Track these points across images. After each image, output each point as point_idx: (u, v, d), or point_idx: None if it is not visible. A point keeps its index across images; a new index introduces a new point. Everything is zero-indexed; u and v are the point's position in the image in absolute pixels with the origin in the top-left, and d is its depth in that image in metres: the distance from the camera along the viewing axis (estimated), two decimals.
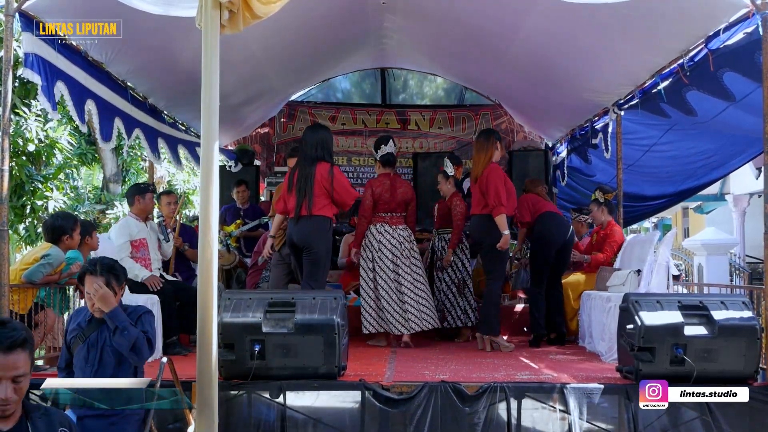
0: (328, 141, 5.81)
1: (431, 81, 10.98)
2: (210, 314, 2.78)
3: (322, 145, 5.75)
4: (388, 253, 6.35)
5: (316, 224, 5.62)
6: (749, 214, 14.98)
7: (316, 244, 5.62)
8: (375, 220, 6.43)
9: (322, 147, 5.74)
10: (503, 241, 5.88)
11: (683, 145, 7.49)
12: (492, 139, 6.15)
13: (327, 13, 6.61)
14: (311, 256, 5.63)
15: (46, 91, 4.75)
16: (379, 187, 6.41)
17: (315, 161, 5.71)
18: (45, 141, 10.43)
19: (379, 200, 6.39)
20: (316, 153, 5.73)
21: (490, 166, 6.06)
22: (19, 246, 11.94)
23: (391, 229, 6.39)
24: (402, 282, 6.33)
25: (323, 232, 5.66)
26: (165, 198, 6.95)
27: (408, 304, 6.29)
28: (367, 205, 6.41)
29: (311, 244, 5.62)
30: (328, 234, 5.74)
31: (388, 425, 4.32)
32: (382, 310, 6.30)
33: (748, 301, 4.57)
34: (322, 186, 5.63)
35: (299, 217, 5.65)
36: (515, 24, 6.05)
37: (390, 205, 6.39)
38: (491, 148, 6.11)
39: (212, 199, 2.81)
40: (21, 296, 5.22)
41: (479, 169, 6.11)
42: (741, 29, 4.66)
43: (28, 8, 4.61)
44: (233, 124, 8.90)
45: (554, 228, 6.58)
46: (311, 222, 5.62)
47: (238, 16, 2.92)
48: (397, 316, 6.28)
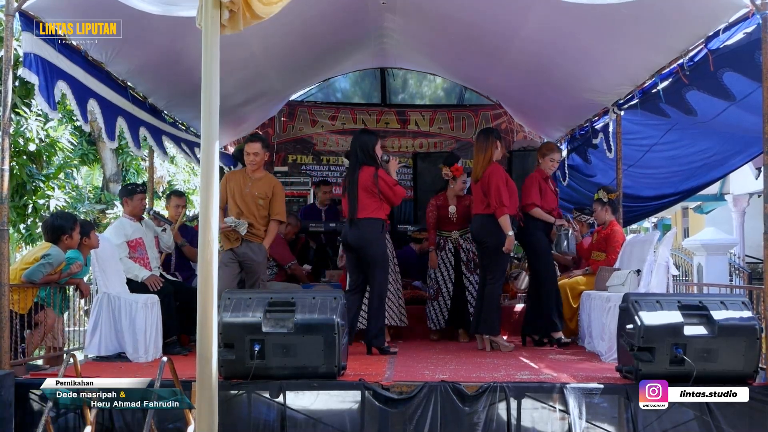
0: (369, 145, 5.94)
1: (431, 81, 10.98)
2: (210, 314, 2.78)
3: (363, 149, 5.92)
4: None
5: (364, 227, 5.82)
6: (749, 214, 14.98)
7: (367, 246, 5.83)
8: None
9: (363, 151, 5.91)
10: (508, 243, 5.90)
11: (683, 145, 7.49)
12: (491, 139, 6.16)
13: (327, 13, 6.61)
14: (366, 259, 5.87)
15: (44, 90, 4.74)
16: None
17: (358, 166, 5.92)
18: (45, 140, 10.43)
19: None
20: (358, 158, 5.94)
21: (491, 166, 6.06)
22: (19, 245, 11.95)
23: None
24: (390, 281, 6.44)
25: (373, 235, 5.83)
26: (175, 199, 6.94)
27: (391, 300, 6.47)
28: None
29: (363, 246, 5.85)
30: (380, 235, 5.91)
31: (387, 425, 4.33)
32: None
33: (747, 301, 4.57)
34: (367, 189, 5.81)
35: (350, 220, 5.89)
36: (515, 24, 6.05)
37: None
38: (491, 148, 6.11)
39: (212, 199, 2.82)
40: (21, 296, 5.22)
41: (480, 169, 6.11)
42: (741, 29, 4.66)
43: (28, 8, 4.61)
44: (233, 124, 8.89)
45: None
46: (360, 225, 5.83)
47: (238, 16, 2.92)
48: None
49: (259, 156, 5.91)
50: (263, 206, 5.89)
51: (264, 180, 5.97)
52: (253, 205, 5.85)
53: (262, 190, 5.88)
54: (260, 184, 5.91)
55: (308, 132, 10.58)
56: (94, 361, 5.51)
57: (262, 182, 5.94)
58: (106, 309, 5.53)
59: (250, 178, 5.92)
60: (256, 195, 5.85)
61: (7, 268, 4.54)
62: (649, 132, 7.37)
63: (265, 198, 5.87)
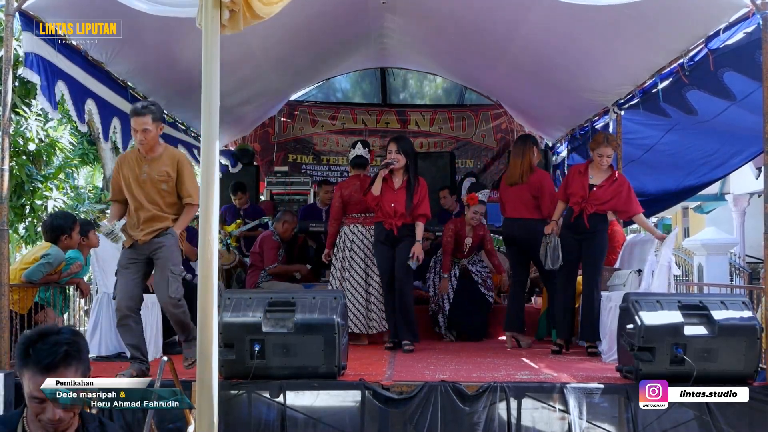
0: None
1: (431, 81, 10.98)
2: (210, 314, 2.78)
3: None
4: (360, 253, 6.41)
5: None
6: (749, 214, 14.97)
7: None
8: (348, 221, 6.50)
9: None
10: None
11: (684, 143, 7.48)
12: (528, 143, 6.32)
13: (327, 13, 6.61)
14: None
15: (46, 90, 4.76)
16: (348, 189, 6.50)
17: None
18: (45, 140, 10.42)
19: (349, 202, 6.47)
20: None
21: (539, 172, 6.28)
22: (19, 245, 11.94)
23: (365, 229, 6.45)
24: (370, 283, 6.41)
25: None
26: None
27: (373, 304, 6.40)
28: (336, 208, 6.54)
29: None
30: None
31: (387, 425, 4.33)
32: (347, 309, 6.35)
33: (748, 301, 4.57)
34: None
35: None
36: (515, 24, 6.05)
37: (362, 205, 6.40)
38: (528, 153, 6.24)
39: (212, 199, 2.82)
40: (21, 296, 5.22)
41: (517, 173, 6.23)
42: (741, 29, 4.65)
43: (28, 8, 4.61)
44: (233, 124, 8.90)
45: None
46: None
47: (238, 16, 2.92)
48: (360, 316, 6.37)
49: (150, 133, 4.56)
50: (168, 191, 4.65)
51: (164, 157, 4.67)
52: (155, 191, 4.63)
53: (163, 169, 4.62)
54: (159, 164, 4.64)
55: (308, 132, 10.59)
56: (94, 361, 5.49)
57: (162, 160, 4.65)
58: (106, 309, 5.52)
59: (144, 158, 4.65)
60: (156, 178, 4.61)
61: (7, 268, 4.53)
62: (649, 132, 7.37)
63: (168, 180, 4.63)
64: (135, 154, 4.70)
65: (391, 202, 6.04)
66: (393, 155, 6.06)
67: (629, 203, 5.77)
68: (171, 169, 4.63)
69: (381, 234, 6.13)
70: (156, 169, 4.62)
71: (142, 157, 4.65)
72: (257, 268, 7.41)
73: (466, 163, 10.52)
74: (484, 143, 10.60)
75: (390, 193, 6.07)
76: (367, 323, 6.40)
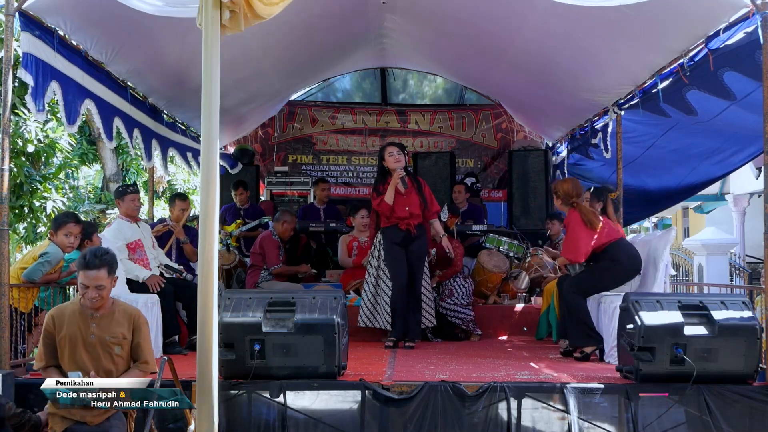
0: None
1: (431, 81, 10.99)
2: (210, 314, 2.78)
3: None
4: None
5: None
6: (749, 213, 14.97)
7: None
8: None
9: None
10: None
11: (684, 141, 7.48)
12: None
13: (327, 13, 6.61)
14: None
15: (34, 92, 4.71)
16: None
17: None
18: (44, 141, 10.41)
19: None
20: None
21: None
22: (19, 245, 11.94)
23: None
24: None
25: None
26: (180, 203, 6.83)
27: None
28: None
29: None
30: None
31: (388, 425, 4.33)
32: (379, 305, 6.34)
33: (748, 301, 4.57)
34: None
35: None
36: (515, 24, 6.06)
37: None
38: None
39: (212, 199, 2.82)
40: (22, 295, 5.22)
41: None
42: (741, 29, 4.66)
43: (28, 8, 4.61)
44: (233, 124, 8.90)
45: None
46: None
47: (239, 16, 2.92)
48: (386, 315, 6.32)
49: (105, 290, 3.69)
50: (122, 356, 3.74)
51: (117, 315, 3.77)
52: (106, 357, 3.70)
53: (117, 330, 3.73)
54: (111, 324, 3.74)
55: (308, 132, 10.59)
56: None
57: (115, 319, 3.76)
58: None
59: (92, 316, 3.73)
60: (108, 341, 3.71)
61: (7, 268, 4.54)
62: (649, 131, 7.37)
63: (121, 342, 3.74)
64: (76, 309, 3.75)
65: (405, 205, 6.11)
66: (396, 157, 6.10)
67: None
68: (126, 330, 3.76)
69: (397, 236, 6.15)
70: (108, 329, 3.73)
71: (87, 317, 3.73)
72: (257, 268, 7.40)
73: (466, 162, 10.53)
74: (484, 143, 10.61)
75: (400, 197, 6.11)
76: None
